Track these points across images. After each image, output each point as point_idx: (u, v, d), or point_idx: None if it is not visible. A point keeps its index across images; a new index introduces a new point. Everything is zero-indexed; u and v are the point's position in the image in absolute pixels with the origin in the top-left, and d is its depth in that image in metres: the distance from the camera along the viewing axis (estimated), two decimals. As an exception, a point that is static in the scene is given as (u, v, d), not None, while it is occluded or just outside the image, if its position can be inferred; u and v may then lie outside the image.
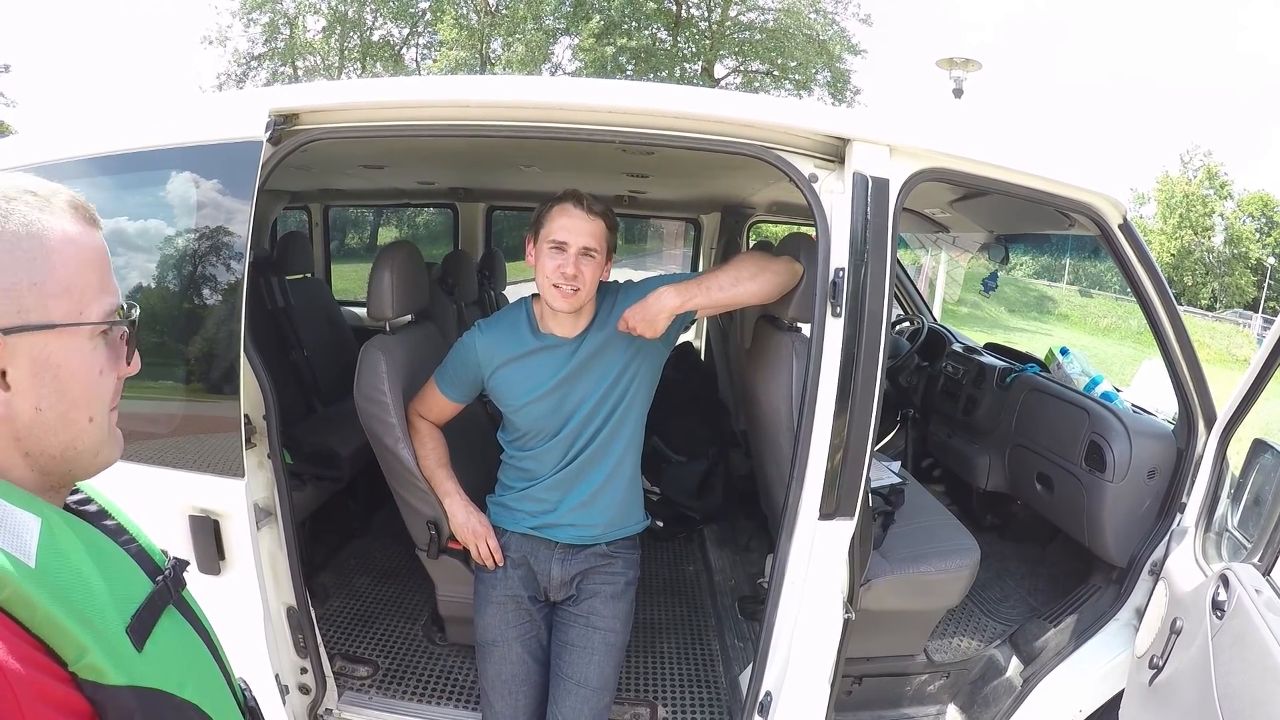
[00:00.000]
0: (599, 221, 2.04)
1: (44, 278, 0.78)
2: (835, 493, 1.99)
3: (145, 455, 2.11)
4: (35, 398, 0.79)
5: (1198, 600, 2.02)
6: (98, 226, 0.86)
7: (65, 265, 0.79)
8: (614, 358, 2.15)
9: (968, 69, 14.70)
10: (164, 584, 0.90)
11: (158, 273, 2.12)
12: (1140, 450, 2.70)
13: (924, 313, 5.12)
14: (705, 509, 3.97)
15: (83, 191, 0.86)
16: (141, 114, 2.28)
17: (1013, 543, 3.70)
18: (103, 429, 0.87)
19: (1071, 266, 23.94)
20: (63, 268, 0.79)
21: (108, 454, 0.89)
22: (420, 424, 2.31)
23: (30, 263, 0.77)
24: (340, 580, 3.45)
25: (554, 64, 28.00)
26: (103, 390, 0.86)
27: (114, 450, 0.90)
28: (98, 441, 0.86)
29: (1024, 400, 3.47)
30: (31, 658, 0.68)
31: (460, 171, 4.15)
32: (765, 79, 29.18)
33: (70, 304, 0.80)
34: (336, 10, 28.17)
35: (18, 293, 0.76)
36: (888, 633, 2.69)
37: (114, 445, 0.90)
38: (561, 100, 2.01)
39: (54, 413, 0.81)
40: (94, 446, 0.86)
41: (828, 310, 1.92)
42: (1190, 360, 2.51)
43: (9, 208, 0.77)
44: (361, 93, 2.11)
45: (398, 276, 2.36)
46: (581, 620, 2.22)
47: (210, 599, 1.07)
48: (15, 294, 0.76)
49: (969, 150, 2.10)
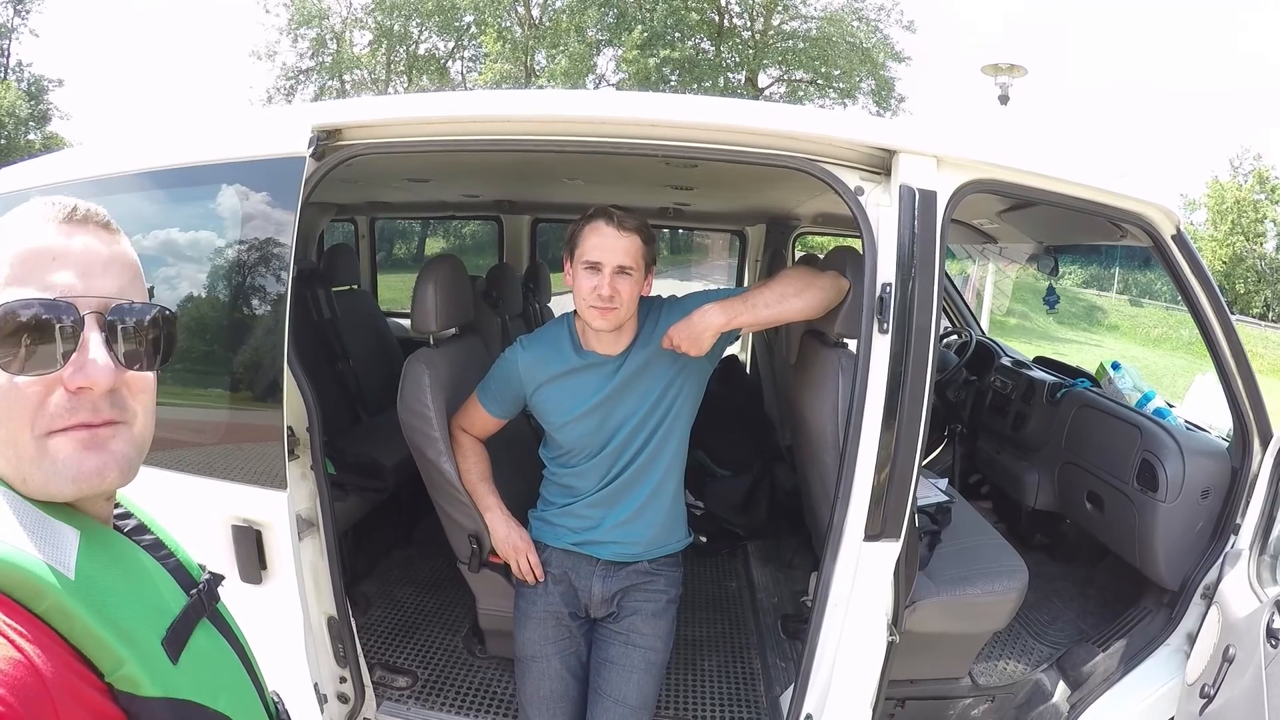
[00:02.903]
0: (633, 237, 2.02)
1: None
2: (881, 514, 1.95)
3: (188, 465, 2.15)
4: None
5: (1251, 627, 1.96)
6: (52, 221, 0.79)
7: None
8: (658, 375, 2.13)
9: (1013, 74, 14.48)
10: (198, 597, 0.91)
11: (205, 283, 2.16)
12: (1194, 469, 2.62)
13: (971, 325, 5.05)
14: (749, 525, 3.93)
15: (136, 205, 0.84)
16: (191, 131, 2.33)
17: (1062, 563, 3.62)
18: (14, 446, 0.76)
19: (1121, 276, 23.47)
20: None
21: (40, 482, 0.76)
22: (463, 438, 2.31)
23: None
24: (382, 590, 3.47)
25: (598, 75, 28.16)
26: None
27: (54, 480, 0.77)
28: (10, 461, 0.76)
29: (1074, 416, 3.40)
30: (70, 667, 0.69)
31: (505, 185, 4.17)
32: (809, 88, 29.03)
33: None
34: (382, 25, 28.65)
35: None
36: (932, 655, 2.63)
37: (53, 474, 0.77)
38: (604, 115, 2.00)
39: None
40: (14, 470, 0.77)
41: (874, 326, 1.89)
42: (1246, 375, 2.43)
43: None
44: (402, 108, 2.13)
45: (442, 291, 2.38)
46: (621, 638, 2.20)
47: (251, 608, 1.07)
48: None
49: (1018, 160, 2.05)
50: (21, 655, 0.64)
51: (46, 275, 0.76)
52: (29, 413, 0.75)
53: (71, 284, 0.77)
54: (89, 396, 0.77)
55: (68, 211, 0.80)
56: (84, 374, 0.76)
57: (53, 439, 0.76)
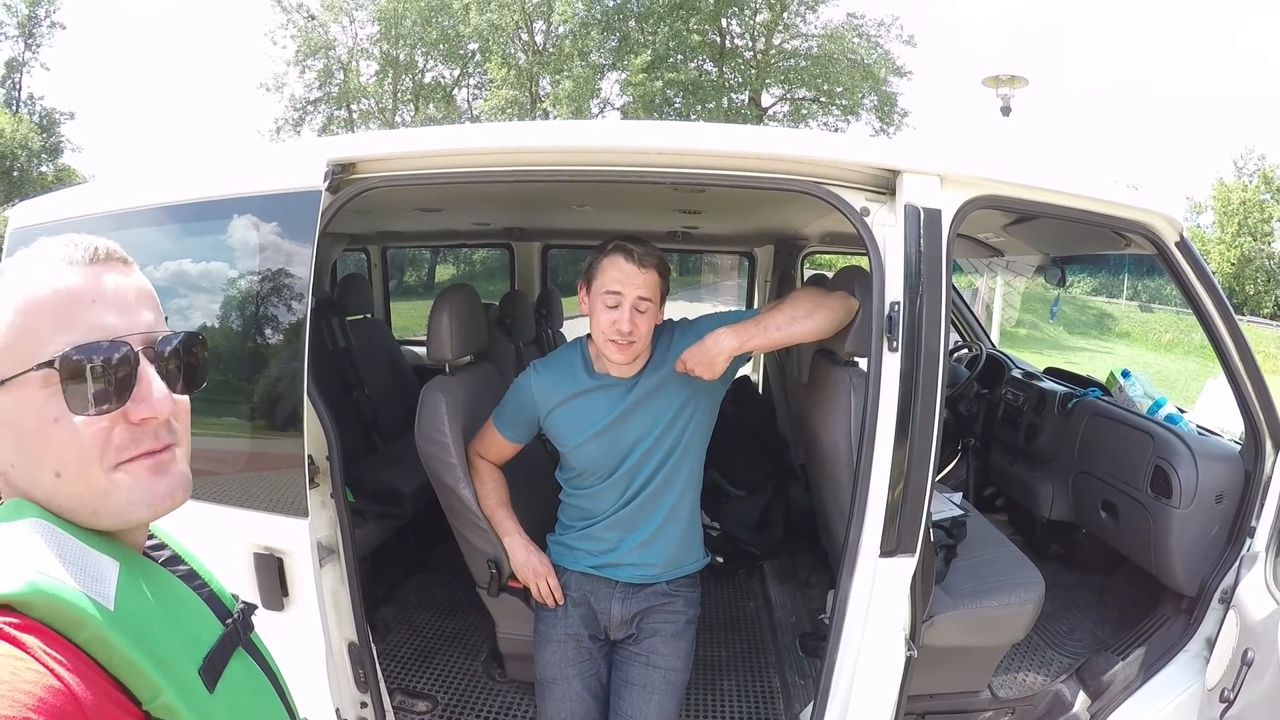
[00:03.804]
0: (651, 273, 2.05)
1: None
2: (896, 530, 1.96)
3: (211, 494, 2.17)
4: (4, 456, 0.80)
5: (1269, 629, 1.96)
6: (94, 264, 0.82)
7: (5, 318, 0.78)
8: (670, 397, 2.16)
9: (1014, 85, 14.49)
10: (234, 627, 0.93)
11: (227, 316, 2.19)
12: (1207, 474, 2.62)
13: (981, 338, 5.04)
14: (765, 544, 3.93)
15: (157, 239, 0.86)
16: (210, 165, 2.36)
17: (1078, 572, 3.61)
18: (85, 484, 0.79)
19: (1130, 282, 23.35)
20: (3, 321, 0.78)
21: (116, 512, 0.81)
22: (480, 464, 2.34)
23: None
24: (401, 615, 3.48)
25: (602, 99, 28.36)
26: (62, 441, 0.78)
27: (129, 508, 0.81)
28: (82, 498, 0.79)
29: (1086, 426, 3.40)
30: (109, 695, 0.71)
31: (515, 212, 4.20)
32: (813, 106, 29.16)
33: (14, 356, 0.77)
34: (388, 54, 28.96)
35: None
36: (951, 669, 2.63)
37: (126, 502, 0.81)
38: (612, 144, 2.04)
39: (21, 469, 0.79)
40: (81, 505, 0.80)
41: (884, 344, 1.90)
42: (1255, 378, 2.43)
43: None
44: (415, 142, 2.16)
45: (456, 319, 2.41)
46: (641, 659, 2.22)
47: (273, 634, 1.09)
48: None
49: (1020, 175, 2.07)
50: (61, 684, 0.66)
51: (90, 317, 0.79)
52: (98, 449, 0.78)
53: (116, 323, 0.80)
54: (151, 426, 0.82)
55: (91, 253, 0.82)
56: (148, 406, 0.80)
57: (120, 470, 0.80)
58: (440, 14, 27.94)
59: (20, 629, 0.68)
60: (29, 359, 0.77)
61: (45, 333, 0.77)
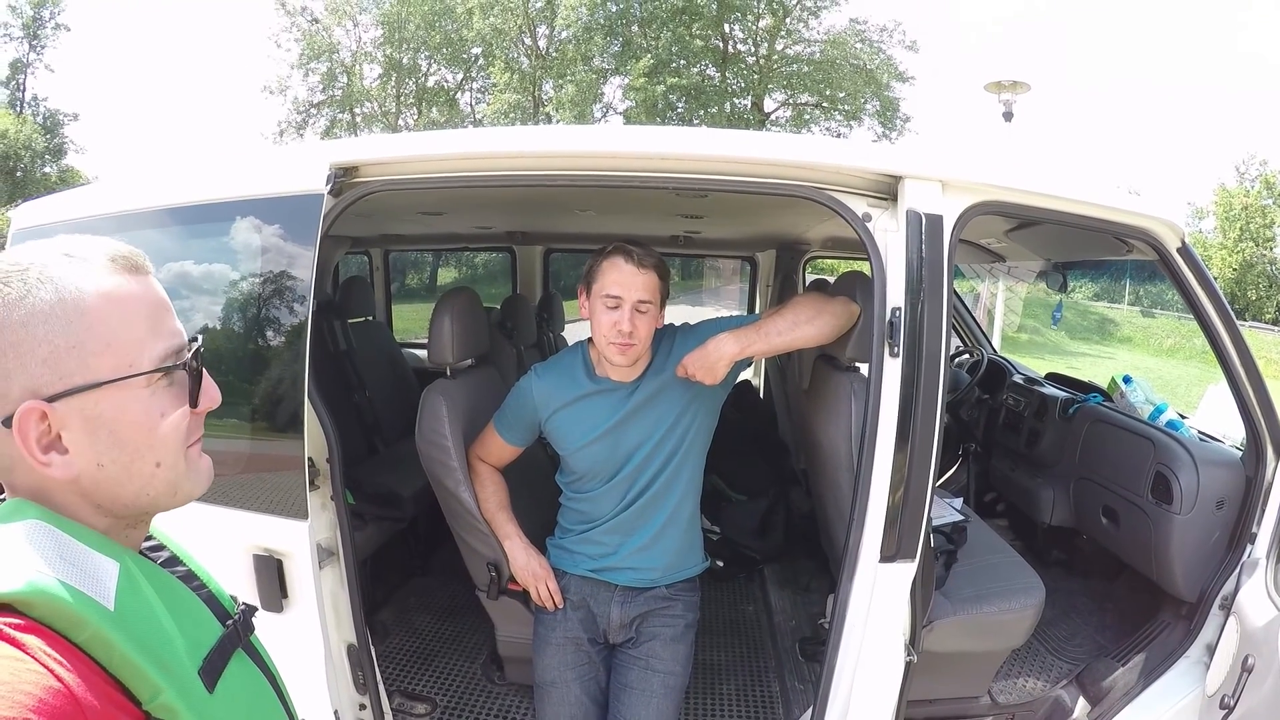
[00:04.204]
0: (651, 274, 2.06)
1: (82, 339, 0.79)
2: (896, 535, 1.96)
3: (211, 495, 2.15)
4: (95, 455, 0.81)
5: (1270, 636, 1.96)
6: (144, 273, 0.87)
7: (105, 322, 0.80)
8: (671, 402, 2.16)
9: (1016, 91, 14.49)
10: (234, 628, 0.94)
11: (226, 318, 2.19)
12: (1208, 480, 2.62)
13: (983, 344, 5.04)
14: (766, 549, 3.92)
15: (159, 240, 0.90)
16: (213, 168, 2.37)
17: (1079, 578, 3.60)
18: (175, 469, 0.87)
19: (1131, 288, 23.32)
20: (102, 325, 0.80)
21: (188, 490, 0.91)
22: (481, 467, 2.34)
23: (66, 327, 0.78)
24: (400, 618, 3.48)
25: (605, 103, 28.37)
26: (168, 434, 0.86)
27: (196, 484, 0.92)
28: (171, 482, 0.88)
29: (1087, 431, 3.40)
30: (109, 696, 0.72)
31: (517, 216, 4.20)
32: (815, 111, 29.16)
33: (116, 359, 0.81)
34: (392, 58, 29.00)
35: (57, 359, 0.78)
36: (951, 674, 2.63)
37: (195, 480, 0.92)
38: (614, 149, 2.03)
39: (116, 466, 0.83)
40: (168, 488, 0.88)
41: (885, 350, 1.91)
42: (1256, 384, 2.43)
43: (40, 275, 0.79)
44: (418, 146, 2.17)
45: (458, 323, 2.41)
46: (640, 663, 2.22)
47: (272, 635, 1.09)
48: (55, 361, 0.78)
49: (1022, 181, 2.07)
50: (61, 685, 0.67)
51: (170, 323, 0.88)
52: (184, 436, 0.89)
53: (179, 327, 0.90)
54: (203, 415, 0.93)
55: (134, 262, 0.87)
56: (210, 398, 0.92)
57: (188, 453, 0.90)
58: (444, 18, 27.99)
59: (20, 629, 0.68)
60: (135, 363, 0.83)
61: (144, 337, 0.84)
